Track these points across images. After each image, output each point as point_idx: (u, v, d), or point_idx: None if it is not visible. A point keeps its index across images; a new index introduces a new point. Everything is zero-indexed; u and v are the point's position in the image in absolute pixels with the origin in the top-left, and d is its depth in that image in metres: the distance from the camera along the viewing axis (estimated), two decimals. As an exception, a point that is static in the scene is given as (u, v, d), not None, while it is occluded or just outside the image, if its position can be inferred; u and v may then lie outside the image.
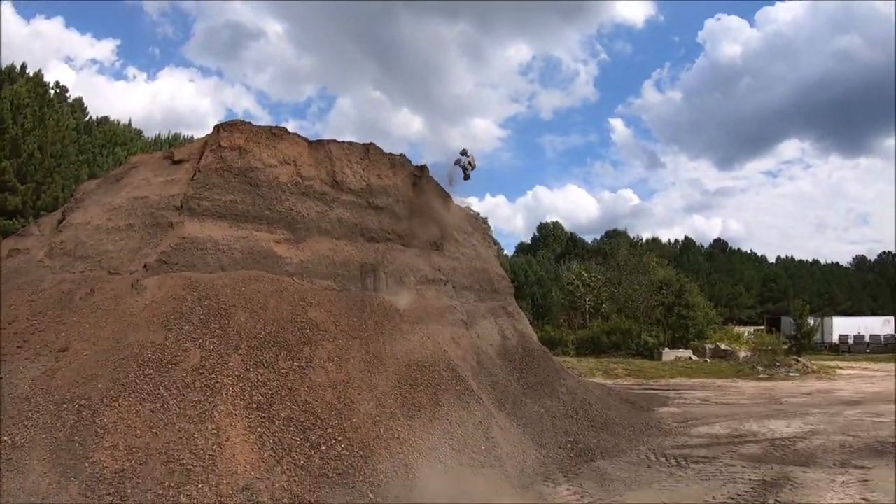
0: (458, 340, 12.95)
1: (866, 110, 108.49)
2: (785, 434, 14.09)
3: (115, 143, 35.72)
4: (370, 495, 8.11)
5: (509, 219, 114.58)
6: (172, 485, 7.32)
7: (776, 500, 9.72)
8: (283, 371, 9.37)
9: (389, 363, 10.53)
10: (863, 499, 9.66)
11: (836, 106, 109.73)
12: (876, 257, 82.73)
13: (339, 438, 8.67)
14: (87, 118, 38.02)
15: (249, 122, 13.29)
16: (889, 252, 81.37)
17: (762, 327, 46.93)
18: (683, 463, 11.82)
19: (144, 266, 11.00)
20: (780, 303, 62.28)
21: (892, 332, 43.58)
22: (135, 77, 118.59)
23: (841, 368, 29.00)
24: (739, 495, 9.96)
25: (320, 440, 8.55)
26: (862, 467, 11.30)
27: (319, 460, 8.26)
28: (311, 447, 8.39)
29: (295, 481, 7.89)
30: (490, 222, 33.16)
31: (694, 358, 33.59)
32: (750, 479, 10.75)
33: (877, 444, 12.85)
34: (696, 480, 10.78)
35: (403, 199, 14.59)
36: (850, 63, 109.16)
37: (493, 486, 9.28)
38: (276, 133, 13.26)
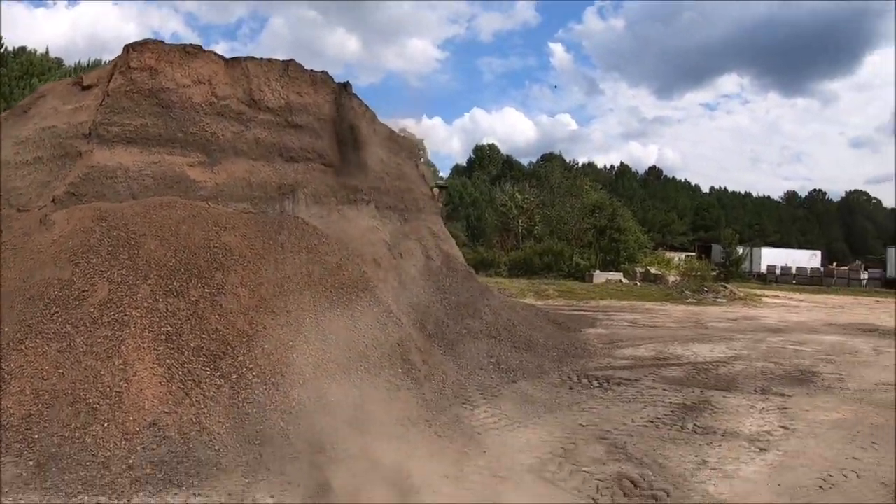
0: (379, 261, 12.72)
1: (808, 53, 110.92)
2: (708, 358, 14.22)
3: (33, 74, 33.73)
4: (281, 424, 7.81)
5: (446, 141, 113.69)
6: (78, 426, 7.00)
7: (695, 425, 9.67)
8: (193, 299, 8.90)
9: (305, 286, 10.05)
10: (782, 426, 9.68)
11: (778, 46, 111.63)
12: (807, 194, 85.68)
13: (251, 367, 8.33)
14: (1, 49, 35.83)
15: (161, 41, 12.56)
16: (819, 190, 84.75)
17: (693, 254, 48.18)
18: (606, 385, 11.75)
19: (53, 200, 10.47)
20: (712, 231, 64.14)
21: (818, 266, 45.40)
22: (55, 3, 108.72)
23: (767, 297, 29.97)
24: (659, 419, 9.91)
25: (231, 369, 8.20)
26: (782, 395, 11.42)
27: (230, 390, 7.94)
28: (221, 377, 8.05)
29: (204, 413, 7.56)
30: (426, 144, 32.52)
31: (624, 281, 34.30)
32: (671, 403, 10.73)
33: (798, 373, 13.08)
34: (617, 403, 10.71)
35: (325, 118, 14.12)
36: (796, 7, 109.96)
37: (409, 411, 9.01)
38: (190, 51, 12.50)
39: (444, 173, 62.42)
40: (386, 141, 16.36)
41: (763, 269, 44.07)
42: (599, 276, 34.41)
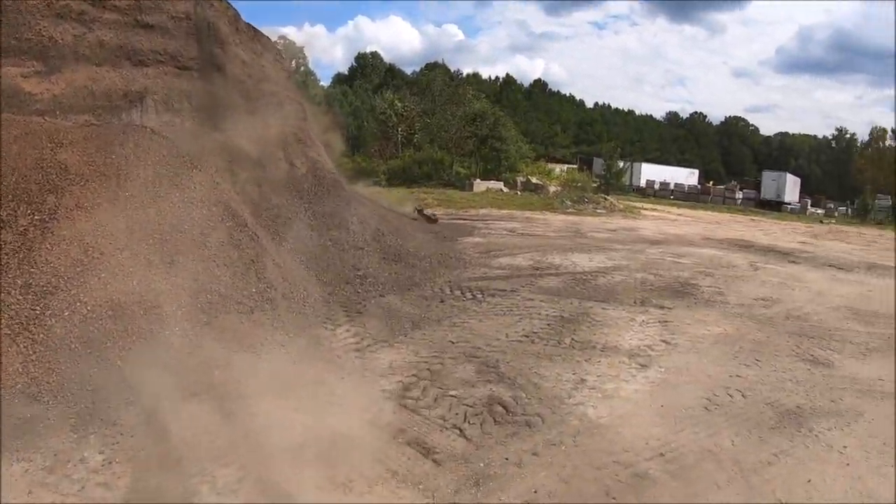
0: (236, 172, 11.68)
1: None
2: (587, 268, 13.72)
3: None
4: (119, 364, 6.80)
5: (328, 49, 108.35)
6: None
7: (573, 339, 9.08)
8: (21, 229, 7.73)
9: (150, 204, 8.87)
10: (663, 340, 9.21)
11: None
12: (688, 116, 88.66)
13: (85, 300, 7.25)
14: None
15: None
16: (700, 113, 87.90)
17: (575, 166, 48.69)
18: (480, 297, 10.95)
19: None
20: (595, 145, 65.19)
21: (696, 184, 47.25)
22: None
23: (646, 210, 30.42)
24: (535, 332, 9.24)
25: (63, 306, 7.08)
26: (662, 307, 11.04)
27: (61, 330, 6.85)
28: (52, 315, 6.94)
29: (32, 361, 6.49)
30: (307, 52, 30.45)
31: (505, 190, 34.14)
32: (547, 316, 10.08)
33: (677, 285, 12.79)
34: (491, 316, 9.97)
35: (180, 17, 12.66)
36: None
37: (262, 335, 8.07)
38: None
39: (325, 83, 59.90)
40: (249, 42, 14.98)
41: (643, 183, 45.28)
42: (480, 185, 34.15)
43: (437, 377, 7.48)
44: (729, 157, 79.28)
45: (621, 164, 42.00)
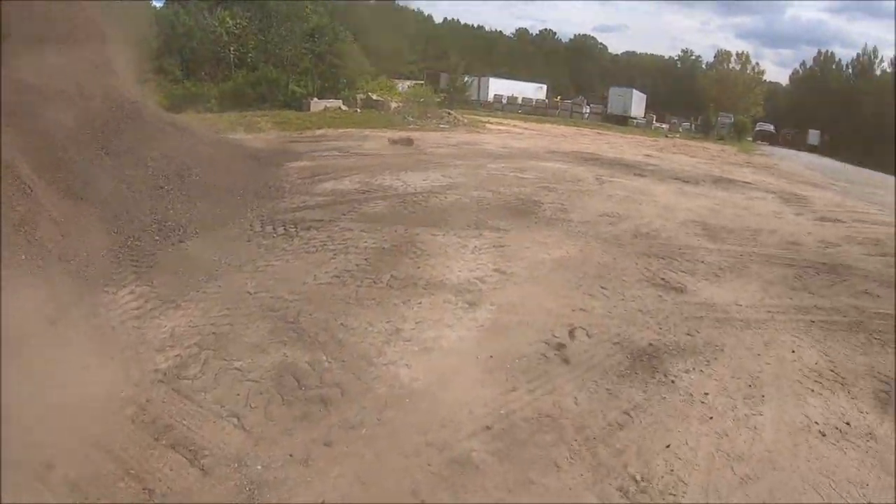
0: (15, 113, 9.25)
1: None
2: (419, 188, 12.17)
3: None
4: None
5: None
6: None
7: (392, 276, 7.58)
8: None
9: None
10: (497, 270, 7.89)
11: None
12: (537, 32, 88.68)
13: None
14: None
15: None
16: (550, 30, 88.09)
17: (423, 82, 47.10)
18: (293, 231, 9.20)
19: None
20: (443, 61, 63.53)
21: (544, 98, 47.31)
22: None
23: (491, 124, 29.33)
24: (349, 271, 7.68)
25: None
26: (499, 229, 9.69)
27: None
28: None
29: None
30: None
31: (344, 108, 32.18)
32: (366, 248, 8.51)
33: (517, 203, 11.55)
34: (301, 254, 8.27)
35: None
36: None
37: (27, 308, 6.04)
38: None
39: (158, 3, 54.07)
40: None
41: (490, 98, 44.61)
42: (318, 104, 31.90)
43: (222, 344, 5.81)
44: (577, 74, 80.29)
45: (467, 78, 40.86)
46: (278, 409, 4.89)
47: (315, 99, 33.09)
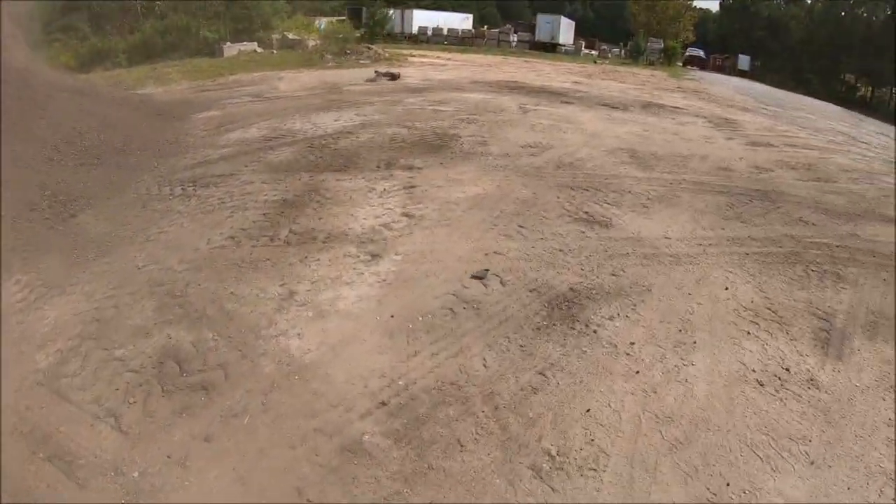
0: None
1: None
2: (330, 130, 11.25)
3: None
4: None
5: None
6: None
7: (291, 231, 6.81)
8: None
9: None
10: (405, 214, 7.17)
11: None
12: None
13: None
14: None
15: None
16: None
17: (344, 18, 45.17)
18: (191, 189, 8.30)
19: None
20: (365, -5, 61.29)
21: (470, 28, 46.18)
22: None
23: (415, 57, 28.07)
24: (245, 230, 6.90)
25: None
26: (411, 167, 8.92)
27: None
28: None
29: None
30: None
31: (259, 51, 30.54)
32: (266, 202, 7.70)
33: (433, 137, 10.74)
34: (198, 216, 7.45)
35: None
36: None
37: None
38: None
39: None
40: None
41: (415, 30, 42.94)
42: (231, 49, 30.07)
43: (104, 332, 5.05)
44: (505, 3, 78.61)
45: (389, 11, 39.23)
46: (158, 402, 4.24)
47: (228, 44, 31.31)
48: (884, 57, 43.97)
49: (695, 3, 56.81)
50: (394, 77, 16.42)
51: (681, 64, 44.73)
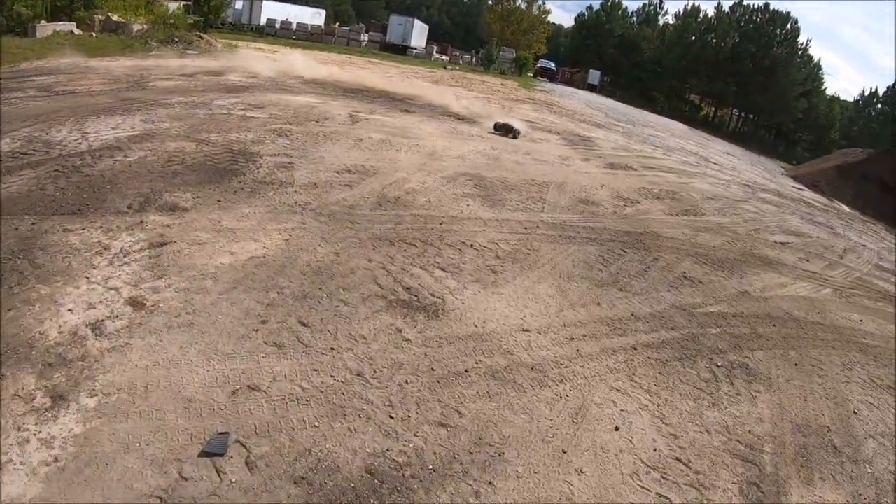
0: None
1: None
2: (97, 144, 8.06)
3: None
4: None
5: None
6: None
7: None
8: None
9: None
10: (131, 301, 4.42)
11: None
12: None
13: None
14: None
15: None
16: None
17: (190, 3, 40.71)
18: None
19: None
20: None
21: (320, 24, 43.73)
22: None
23: (250, 49, 24.73)
24: None
25: None
26: (175, 208, 6.09)
27: None
28: None
29: None
30: None
31: (78, 32, 25.89)
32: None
33: (226, 155, 7.93)
34: None
35: None
36: None
37: None
38: None
39: None
40: None
41: (263, 22, 39.24)
42: (46, 29, 25.33)
43: None
44: (362, 2, 75.79)
45: (240, 4, 35.70)
46: None
47: (43, 22, 26.42)
48: (727, 81, 46.07)
49: (549, 18, 56.78)
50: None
51: (531, 75, 44.23)
